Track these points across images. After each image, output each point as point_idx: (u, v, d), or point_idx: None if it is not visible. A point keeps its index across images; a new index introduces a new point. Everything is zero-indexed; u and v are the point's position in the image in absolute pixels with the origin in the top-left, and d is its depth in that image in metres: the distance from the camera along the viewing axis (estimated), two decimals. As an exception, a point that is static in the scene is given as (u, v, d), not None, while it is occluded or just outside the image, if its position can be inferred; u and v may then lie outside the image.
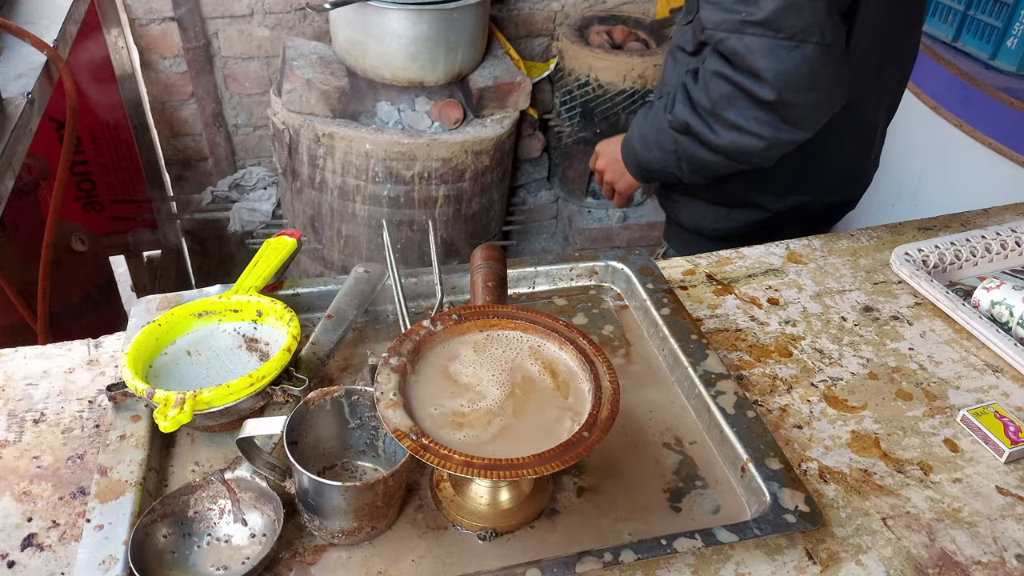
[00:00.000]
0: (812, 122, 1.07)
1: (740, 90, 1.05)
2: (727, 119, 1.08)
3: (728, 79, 1.06)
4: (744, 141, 1.09)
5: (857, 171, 1.32)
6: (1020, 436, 0.84)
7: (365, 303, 0.93)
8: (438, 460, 0.63)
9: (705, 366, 0.87)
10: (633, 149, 1.27)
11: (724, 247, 1.16)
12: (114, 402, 0.79)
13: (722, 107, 1.08)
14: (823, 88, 1.04)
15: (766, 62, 1.01)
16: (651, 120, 1.22)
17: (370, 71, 1.99)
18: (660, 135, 1.20)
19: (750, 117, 1.06)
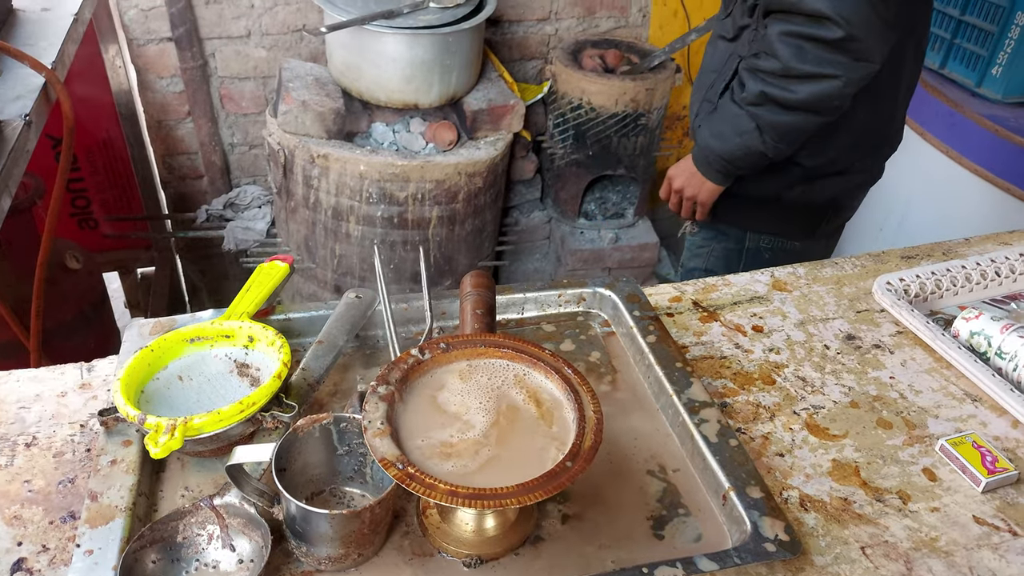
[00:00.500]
0: (879, 53, 1.15)
1: (807, 40, 1.14)
2: (801, 71, 1.17)
3: (793, 34, 1.15)
4: (822, 87, 1.17)
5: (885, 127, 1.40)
6: (997, 466, 0.86)
7: (356, 329, 0.95)
8: (424, 489, 0.64)
9: (689, 394, 0.88)
10: (710, 150, 1.34)
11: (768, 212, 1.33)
12: (106, 427, 0.80)
13: (794, 63, 1.16)
14: (882, 19, 1.12)
15: (829, 3, 1.11)
16: (721, 115, 1.32)
17: (365, 93, 2.01)
18: (736, 120, 1.28)
19: (823, 61, 1.15)
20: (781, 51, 1.17)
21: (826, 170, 1.38)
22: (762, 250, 1.51)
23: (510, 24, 2.43)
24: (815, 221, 1.48)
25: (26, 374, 0.92)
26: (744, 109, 1.26)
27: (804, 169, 1.37)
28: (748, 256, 1.52)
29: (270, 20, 2.23)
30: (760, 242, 1.50)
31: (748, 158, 1.30)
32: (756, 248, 1.51)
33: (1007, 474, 0.85)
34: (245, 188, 2.41)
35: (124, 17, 2.14)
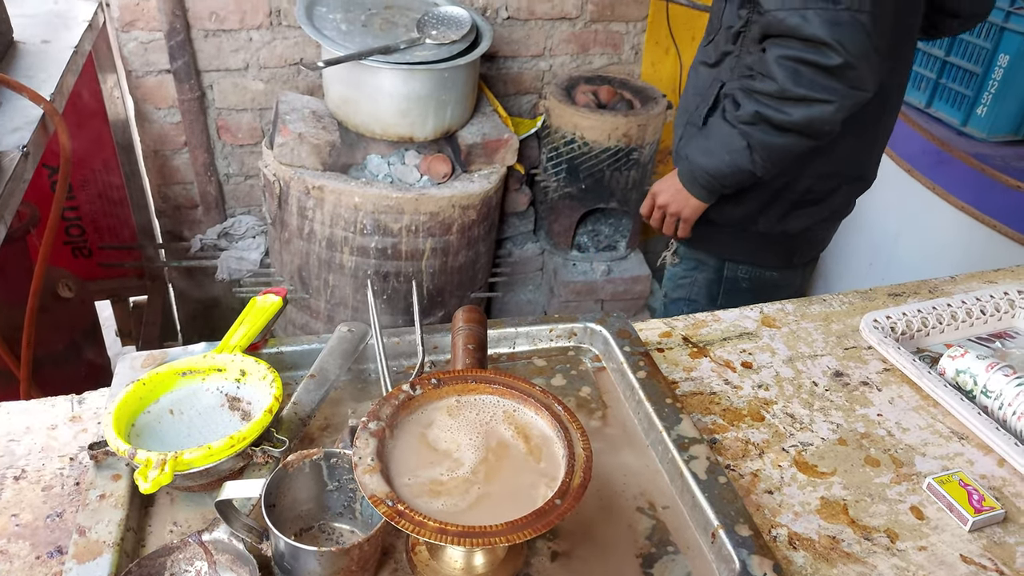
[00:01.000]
0: (872, 82, 1.19)
1: (806, 64, 1.18)
2: (797, 94, 1.20)
3: (792, 58, 1.19)
4: (815, 111, 1.20)
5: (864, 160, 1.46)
6: (984, 505, 0.86)
7: (348, 362, 0.95)
8: (413, 527, 0.64)
9: (679, 430, 0.89)
10: (698, 167, 1.37)
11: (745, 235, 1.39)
12: (95, 460, 0.80)
13: (791, 85, 1.19)
14: (876, 49, 1.16)
15: (829, 30, 1.13)
16: (710, 133, 1.35)
17: (361, 126, 2.04)
18: (727, 138, 1.31)
19: (818, 86, 1.18)
20: (778, 74, 1.20)
21: (802, 199, 1.41)
22: (740, 279, 1.54)
23: (505, 60, 2.47)
24: (790, 251, 1.51)
25: (16, 406, 0.92)
26: (736, 127, 1.29)
27: (780, 197, 1.41)
28: (727, 285, 1.54)
29: (268, 54, 2.26)
30: (738, 271, 1.53)
31: (735, 176, 1.33)
32: (734, 277, 1.54)
33: (994, 513, 0.86)
34: (240, 218, 2.42)
35: (123, 49, 2.17)
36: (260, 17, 2.20)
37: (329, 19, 2.01)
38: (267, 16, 2.21)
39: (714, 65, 1.38)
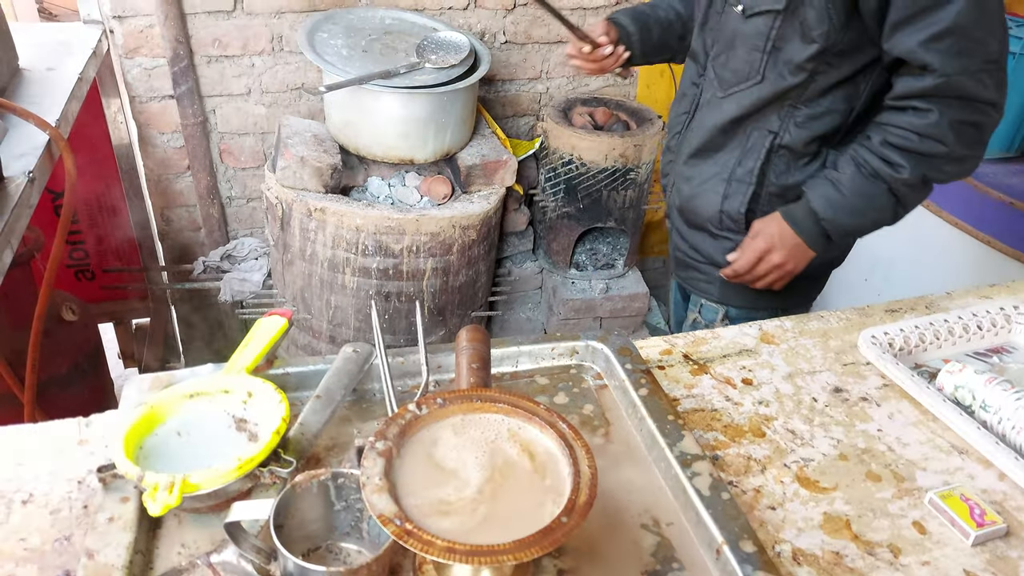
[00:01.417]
0: None
1: (975, 126, 1.16)
2: (960, 155, 1.18)
3: (967, 122, 1.15)
4: (965, 168, 1.22)
5: None
6: (985, 519, 0.87)
7: (353, 383, 0.96)
8: (421, 546, 0.65)
9: (681, 447, 0.90)
10: (839, 226, 1.26)
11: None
12: (104, 483, 0.80)
13: (961, 148, 1.17)
14: None
15: (999, 93, 1.14)
16: (859, 192, 1.23)
17: (362, 149, 2.06)
18: (877, 198, 1.23)
19: (980, 145, 1.20)
20: (951, 137, 1.15)
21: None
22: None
23: (503, 83, 2.51)
24: (816, 288, 1.48)
25: (24, 429, 0.93)
26: (896, 188, 1.22)
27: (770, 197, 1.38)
28: None
29: (270, 79, 2.29)
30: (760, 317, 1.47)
31: (872, 230, 1.31)
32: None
33: (996, 527, 0.86)
34: (242, 240, 2.44)
35: (127, 76, 2.20)
36: (262, 43, 2.24)
37: (330, 45, 2.04)
38: (269, 42, 2.24)
39: (748, 116, 1.28)
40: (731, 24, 1.26)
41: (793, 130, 1.27)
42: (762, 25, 1.21)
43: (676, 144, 1.45)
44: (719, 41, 1.29)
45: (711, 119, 1.33)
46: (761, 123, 1.29)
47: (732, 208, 1.35)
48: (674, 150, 1.46)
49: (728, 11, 1.26)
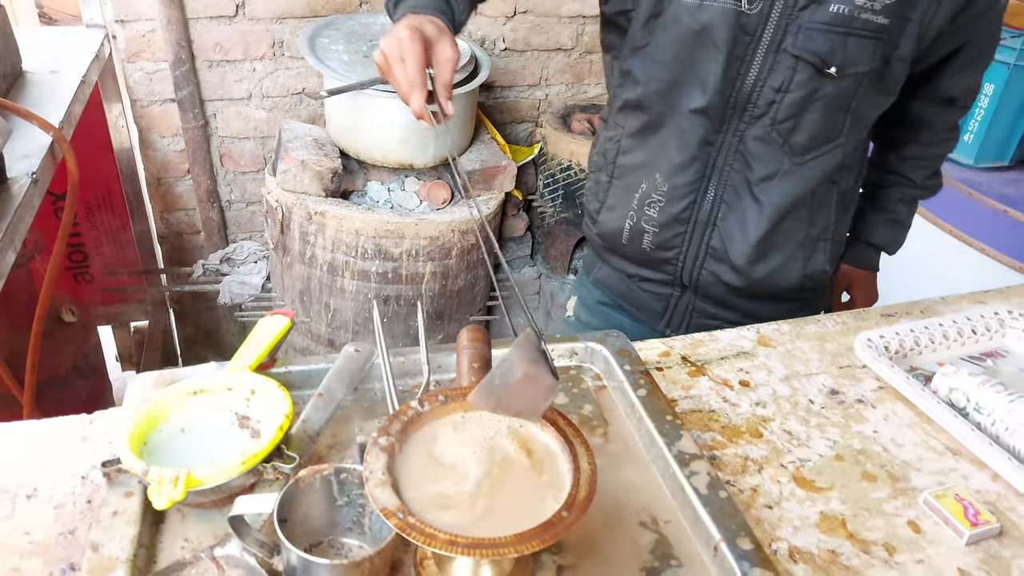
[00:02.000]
0: None
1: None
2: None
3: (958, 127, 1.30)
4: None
5: None
6: (979, 519, 0.88)
7: (355, 381, 0.97)
8: (424, 538, 0.66)
9: (680, 446, 0.91)
10: (891, 250, 1.41)
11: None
12: (108, 478, 0.81)
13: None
14: None
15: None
16: (909, 216, 1.38)
17: (363, 153, 2.07)
18: (912, 216, 1.38)
19: None
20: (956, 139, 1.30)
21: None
22: None
23: (502, 89, 2.53)
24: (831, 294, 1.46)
25: (26, 426, 0.93)
26: (918, 203, 1.35)
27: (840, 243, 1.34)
28: None
29: (271, 83, 2.31)
30: None
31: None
32: None
33: (989, 527, 0.88)
34: (242, 244, 2.45)
35: (129, 79, 2.22)
36: (263, 48, 2.25)
37: (331, 50, 2.06)
38: (270, 47, 2.26)
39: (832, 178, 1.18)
40: (806, 86, 1.07)
41: (848, 175, 1.22)
42: (851, 84, 1.07)
43: (690, 214, 1.21)
44: (779, 103, 1.09)
45: (787, 189, 1.15)
46: (830, 178, 1.19)
47: (817, 269, 1.25)
48: (687, 222, 1.22)
49: (801, 72, 1.06)
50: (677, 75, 1.12)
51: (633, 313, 1.39)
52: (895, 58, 1.07)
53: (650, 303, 1.34)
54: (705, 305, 1.30)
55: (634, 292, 1.37)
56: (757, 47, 1.06)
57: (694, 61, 1.10)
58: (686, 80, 1.12)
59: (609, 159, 1.27)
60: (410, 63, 0.94)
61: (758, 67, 1.07)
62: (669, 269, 1.27)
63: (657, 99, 1.16)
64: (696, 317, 1.32)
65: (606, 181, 1.28)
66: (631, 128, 1.22)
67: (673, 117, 1.16)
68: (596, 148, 1.32)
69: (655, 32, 1.12)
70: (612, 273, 1.39)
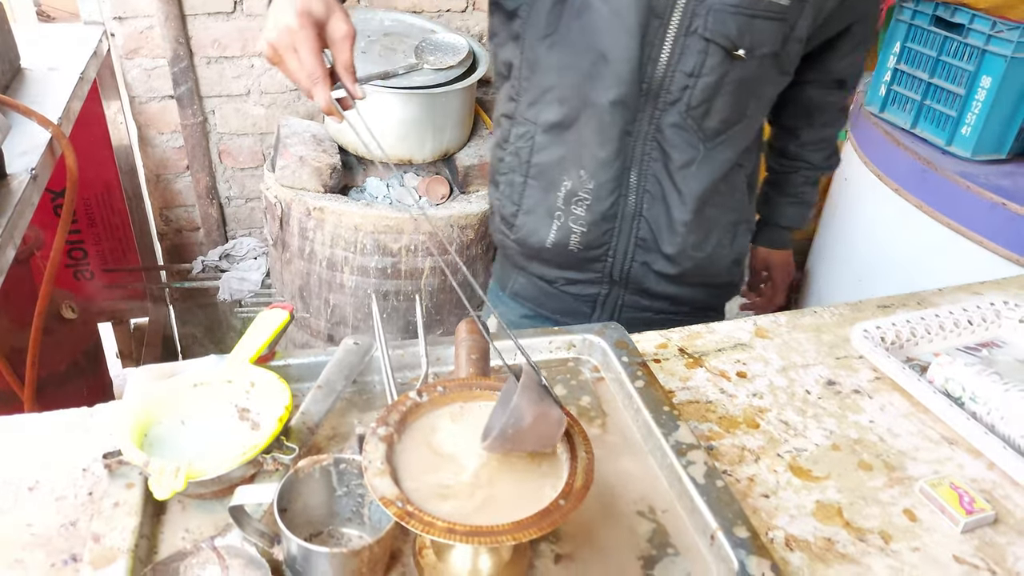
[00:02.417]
0: None
1: None
2: None
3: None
4: None
5: None
6: (974, 507, 0.89)
7: (353, 374, 0.98)
8: (422, 527, 0.66)
9: (677, 436, 0.91)
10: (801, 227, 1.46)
11: None
12: (109, 470, 0.82)
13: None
14: None
15: None
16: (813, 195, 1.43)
17: (361, 149, 2.08)
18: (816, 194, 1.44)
19: None
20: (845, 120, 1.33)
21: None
22: None
23: (501, 84, 2.53)
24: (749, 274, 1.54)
25: (28, 419, 0.94)
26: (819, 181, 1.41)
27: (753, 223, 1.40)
28: None
29: (269, 80, 2.31)
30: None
31: None
32: None
33: (984, 514, 0.88)
34: (241, 240, 2.45)
35: (127, 76, 2.22)
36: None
37: (329, 45, 2.06)
38: (268, 43, 2.26)
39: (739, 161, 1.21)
40: (717, 70, 1.09)
41: (751, 157, 1.26)
42: (757, 66, 1.11)
43: (616, 210, 1.20)
44: (693, 88, 1.10)
45: (704, 175, 1.17)
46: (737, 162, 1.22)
47: (741, 252, 1.31)
48: (615, 217, 1.21)
49: (712, 55, 1.08)
50: (591, 63, 1.10)
51: (559, 320, 1.35)
52: (792, 39, 1.11)
53: (576, 306, 1.32)
54: (635, 298, 1.29)
55: (557, 298, 1.32)
56: (667, 31, 1.06)
57: (607, 47, 1.08)
58: (601, 68, 1.10)
59: (523, 158, 1.21)
60: (305, 52, 0.86)
61: (669, 51, 1.07)
62: (598, 267, 1.26)
63: (572, 91, 1.13)
64: (626, 312, 1.31)
65: (521, 182, 1.23)
66: (545, 123, 1.18)
67: (591, 109, 1.13)
68: (505, 148, 1.25)
69: (563, 18, 1.09)
70: (531, 283, 1.34)
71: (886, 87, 2.23)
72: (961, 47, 2.01)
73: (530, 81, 1.17)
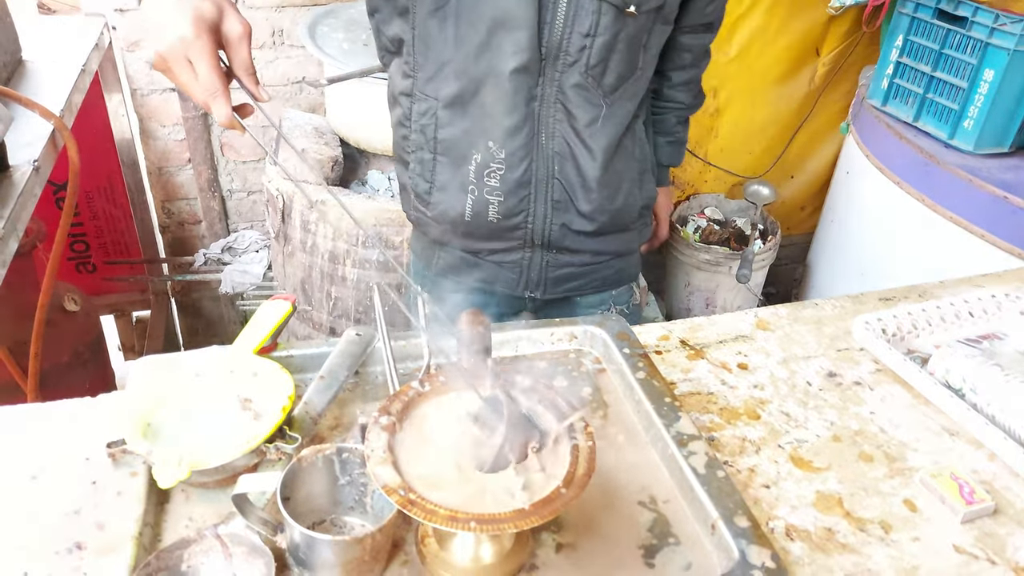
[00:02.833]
0: None
1: None
2: None
3: None
4: None
5: None
6: (974, 497, 0.89)
7: (356, 365, 0.98)
8: (425, 514, 0.67)
9: (678, 427, 0.91)
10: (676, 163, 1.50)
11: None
12: (112, 459, 0.82)
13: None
14: None
15: None
16: (685, 133, 1.46)
17: (362, 142, 2.08)
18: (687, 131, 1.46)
19: None
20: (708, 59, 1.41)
21: None
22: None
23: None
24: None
25: (31, 408, 0.94)
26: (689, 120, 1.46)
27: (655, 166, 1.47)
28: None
29: (271, 72, 2.31)
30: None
31: None
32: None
33: (984, 505, 0.88)
34: (243, 233, 2.45)
35: (129, 69, 2.22)
36: (263, 37, 2.25)
37: (331, 38, 2.06)
38: (270, 36, 2.26)
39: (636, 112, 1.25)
40: (611, 28, 1.11)
41: (645, 105, 1.32)
42: (645, 20, 1.13)
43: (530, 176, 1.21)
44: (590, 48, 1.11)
45: (609, 130, 1.20)
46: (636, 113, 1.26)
47: (650, 196, 1.36)
48: (529, 183, 1.22)
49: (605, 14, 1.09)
50: (488, 32, 1.10)
51: (487, 289, 1.36)
52: None
53: (502, 273, 1.34)
54: (558, 256, 1.32)
55: (484, 267, 1.34)
56: None
57: (503, 15, 1.08)
58: (499, 37, 1.09)
59: (429, 135, 1.21)
60: (202, 64, 0.81)
61: (563, 13, 1.08)
62: (518, 234, 1.27)
63: (472, 62, 1.12)
64: (551, 271, 1.33)
65: (430, 159, 1.23)
66: (446, 97, 1.17)
67: (493, 79, 1.13)
68: (409, 126, 1.24)
69: None
70: (455, 257, 1.34)
71: (888, 80, 2.23)
72: (964, 40, 2.01)
73: (425, 56, 1.16)
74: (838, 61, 2.60)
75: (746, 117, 2.66)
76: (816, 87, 2.65)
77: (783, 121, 2.70)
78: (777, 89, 2.63)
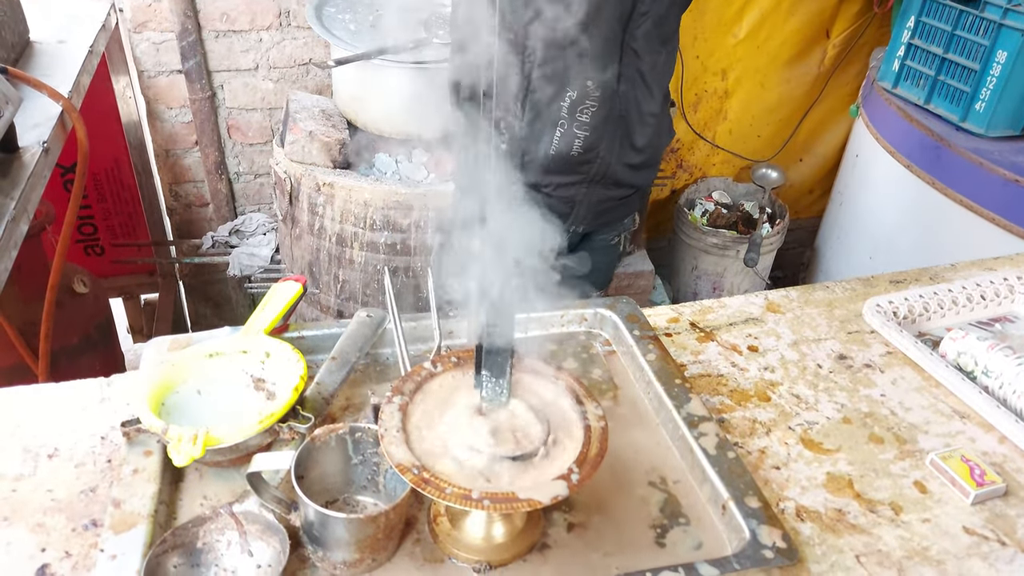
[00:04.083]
0: None
1: None
2: None
3: None
4: None
5: None
6: (985, 479, 0.89)
7: (367, 346, 0.98)
8: (438, 493, 0.67)
9: (688, 409, 0.92)
10: None
11: None
12: (127, 437, 0.83)
13: None
14: None
15: None
16: None
17: (370, 124, 2.07)
18: None
19: None
20: None
21: None
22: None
23: (510, 59, 2.51)
24: None
25: (47, 389, 0.95)
26: None
27: None
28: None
29: (278, 54, 2.29)
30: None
31: None
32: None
33: (995, 487, 0.89)
34: (250, 215, 2.45)
35: (136, 50, 2.21)
36: (270, 18, 2.24)
37: (338, 19, 2.04)
38: (277, 17, 2.24)
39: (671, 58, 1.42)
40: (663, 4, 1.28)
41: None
42: None
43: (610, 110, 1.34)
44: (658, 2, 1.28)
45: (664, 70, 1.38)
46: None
47: (672, 133, 1.50)
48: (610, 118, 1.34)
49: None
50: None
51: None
52: None
53: (556, 207, 1.40)
54: (606, 191, 1.42)
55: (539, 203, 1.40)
56: None
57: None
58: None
59: (525, 72, 1.30)
60: None
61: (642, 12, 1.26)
62: (584, 168, 1.37)
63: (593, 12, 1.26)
64: (598, 205, 1.43)
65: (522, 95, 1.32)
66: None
67: (597, 26, 1.25)
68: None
69: None
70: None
71: (899, 62, 2.20)
72: (977, 21, 1.98)
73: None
74: (848, 43, 2.57)
75: (755, 99, 2.64)
76: (826, 69, 2.63)
77: (792, 103, 2.68)
78: (786, 71, 2.60)
